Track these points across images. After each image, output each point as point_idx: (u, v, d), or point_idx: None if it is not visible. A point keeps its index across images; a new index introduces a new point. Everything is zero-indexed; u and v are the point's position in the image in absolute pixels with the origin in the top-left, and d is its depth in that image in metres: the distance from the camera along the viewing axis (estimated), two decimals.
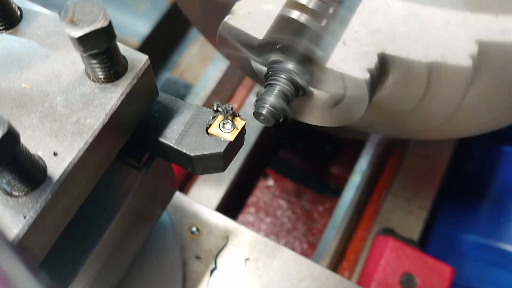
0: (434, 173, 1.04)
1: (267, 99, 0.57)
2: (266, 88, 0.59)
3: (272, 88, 0.58)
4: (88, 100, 0.43)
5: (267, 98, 0.57)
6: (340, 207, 1.00)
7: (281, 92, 0.57)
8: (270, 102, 0.57)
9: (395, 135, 0.89)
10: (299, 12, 0.55)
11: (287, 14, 0.55)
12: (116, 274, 0.68)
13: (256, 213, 1.24)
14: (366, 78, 0.54)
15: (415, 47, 0.55)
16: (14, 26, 0.47)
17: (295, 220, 1.23)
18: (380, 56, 0.55)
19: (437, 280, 0.83)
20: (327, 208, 1.25)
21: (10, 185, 0.38)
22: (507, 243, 0.91)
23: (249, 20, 0.58)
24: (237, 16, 0.58)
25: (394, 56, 0.56)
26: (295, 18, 0.55)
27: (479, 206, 1.01)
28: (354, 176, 1.03)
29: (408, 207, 1.01)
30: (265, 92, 0.58)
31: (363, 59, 0.54)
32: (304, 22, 0.55)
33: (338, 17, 0.56)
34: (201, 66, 1.20)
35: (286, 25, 0.56)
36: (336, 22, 0.55)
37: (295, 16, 0.55)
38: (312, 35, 0.55)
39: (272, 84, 0.58)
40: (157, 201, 0.68)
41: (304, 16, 0.55)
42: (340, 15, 0.56)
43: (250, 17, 0.58)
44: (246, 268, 0.80)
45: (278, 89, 0.57)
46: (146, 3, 1.38)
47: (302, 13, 0.55)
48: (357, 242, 1.00)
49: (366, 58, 0.54)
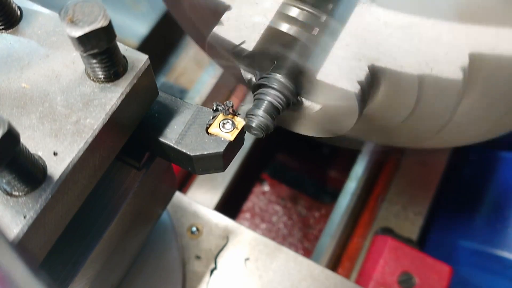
0: (430, 179, 1.03)
1: (257, 112, 0.56)
2: (256, 101, 0.58)
3: (262, 100, 0.57)
4: (88, 100, 0.43)
5: (257, 110, 0.56)
6: (336, 213, 0.99)
7: (271, 104, 0.56)
8: (261, 115, 0.55)
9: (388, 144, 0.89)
10: (289, 24, 0.54)
11: (277, 26, 0.55)
12: (116, 274, 0.68)
13: (251, 218, 1.23)
14: (356, 90, 0.54)
15: (406, 60, 0.54)
16: (14, 26, 0.47)
17: (291, 226, 1.22)
18: (370, 68, 0.55)
19: (435, 280, 0.83)
20: (323, 214, 1.24)
21: (10, 185, 0.38)
22: (503, 249, 0.90)
23: (239, 31, 0.57)
24: (226, 27, 0.58)
25: (384, 68, 0.55)
26: (284, 31, 0.54)
27: (476, 212, 1.01)
28: (350, 182, 1.03)
29: (404, 213, 1.01)
30: (255, 104, 0.57)
31: (353, 72, 0.54)
32: (293, 35, 0.54)
33: (329, 29, 0.55)
34: (197, 71, 1.20)
35: (276, 37, 0.55)
36: (326, 34, 0.55)
37: (284, 29, 0.54)
38: (302, 48, 0.54)
39: (262, 96, 0.57)
40: (157, 201, 0.68)
41: (294, 28, 0.54)
42: (331, 27, 0.55)
43: (239, 28, 0.57)
44: (246, 268, 0.80)
45: (268, 101, 0.56)
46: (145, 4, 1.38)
47: (292, 25, 0.54)
48: (355, 243, 1.00)
49: (356, 70, 0.54)
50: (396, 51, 0.54)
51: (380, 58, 0.55)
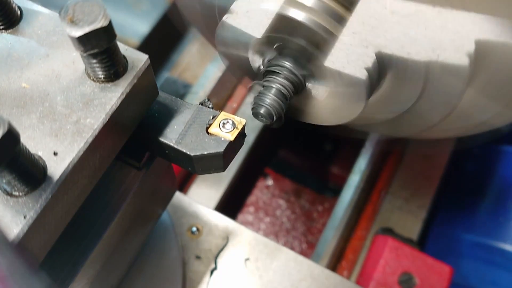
0: (433, 173, 1.03)
1: (265, 98, 0.57)
2: (264, 87, 0.59)
3: (270, 87, 0.58)
4: (88, 99, 0.43)
5: (265, 96, 0.57)
6: (339, 207, 1.00)
7: (279, 90, 0.58)
8: (268, 101, 0.57)
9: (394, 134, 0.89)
10: (298, 10, 0.55)
11: (286, 12, 0.55)
12: (116, 274, 0.67)
13: (255, 212, 1.24)
14: (364, 77, 0.55)
15: (413, 47, 0.55)
16: (14, 26, 0.47)
17: (294, 220, 1.23)
18: (377, 55, 0.56)
19: (436, 280, 0.83)
20: (326, 207, 1.25)
21: (10, 185, 0.38)
22: (506, 242, 0.91)
23: (248, 19, 0.58)
24: (236, 15, 0.58)
25: (391, 55, 0.56)
26: (293, 17, 0.55)
27: (478, 206, 1.01)
28: (353, 176, 1.03)
29: (407, 207, 1.01)
30: (263, 90, 0.59)
31: (361, 58, 0.55)
32: (302, 21, 0.55)
33: (337, 16, 0.56)
34: (201, 66, 1.20)
35: (285, 24, 0.56)
36: (334, 21, 0.55)
37: (293, 14, 0.55)
38: (311, 34, 0.55)
39: (270, 82, 0.58)
40: (157, 201, 0.68)
41: (303, 14, 0.55)
42: (339, 14, 0.56)
43: (248, 16, 0.58)
44: (246, 268, 0.80)
45: (276, 87, 0.58)
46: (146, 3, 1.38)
47: (301, 11, 0.55)
48: (356, 241, 1.00)
49: (364, 57, 0.55)
50: (402, 38, 0.55)
51: (387, 45, 0.55)
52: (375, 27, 0.55)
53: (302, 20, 0.55)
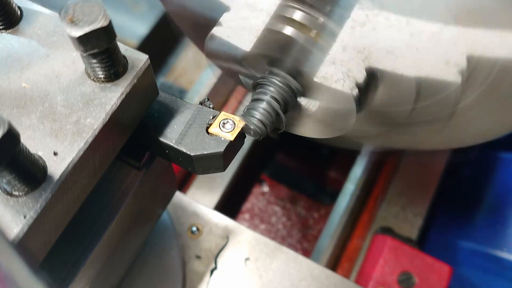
0: (430, 180, 1.03)
1: (254, 113, 0.55)
2: (254, 102, 0.57)
3: (260, 102, 0.56)
4: (88, 99, 0.43)
5: (255, 112, 0.55)
6: (335, 214, 0.99)
7: (269, 105, 0.56)
8: (258, 116, 0.55)
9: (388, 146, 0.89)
10: (287, 26, 0.54)
11: (274, 27, 0.55)
12: (116, 274, 0.68)
13: (250, 219, 1.23)
14: (354, 93, 0.54)
15: (404, 62, 0.54)
16: (14, 26, 0.47)
17: (290, 227, 1.22)
18: (368, 70, 0.55)
19: (435, 279, 0.83)
20: (322, 214, 1.23)
21: (10, 184, 0.38)
22: (503, 250, 0.90)
23: (236, 32, 0.57)
24: (224, 28, 0.58)
25: (382, 70, 0.55)
26: (282, 32, 0.54)
27: (475, 213, 1.00)
28: (349, 183, 1.02)
29: (404, 214, 1.00)
30: (253, 105, 0.57)
31: (351, 74, 0.54)
32: (291, 36, 0.54)
33: (326, 31, 0.55)
34: (196, 71, 1.20)
35: (274, 38, 0.55)
36: (324, 35, 0.55)
37: (282, 29, 0.54)
38: (300, 49, 0.54)
39: (259, 97, 0.57)
40: (157, 201, 0.68)
41: (292, 29, 0.54)
42: (328, 29, 0.55)
43: (237, 30, 0.57)
44: (246, 268, 0.80)
45: (266, 103, 0.56)
46: (144, 5, 1.38)
47: (290, 26, 0.54)
48: (354, 243, 1.00)
49: (354, 72, 0.54)
50: (394, 53, 0.54)
51: (378, 60, 0.55)
52: (365, 42, 0.54)
53: (291, 35, 0.54)
